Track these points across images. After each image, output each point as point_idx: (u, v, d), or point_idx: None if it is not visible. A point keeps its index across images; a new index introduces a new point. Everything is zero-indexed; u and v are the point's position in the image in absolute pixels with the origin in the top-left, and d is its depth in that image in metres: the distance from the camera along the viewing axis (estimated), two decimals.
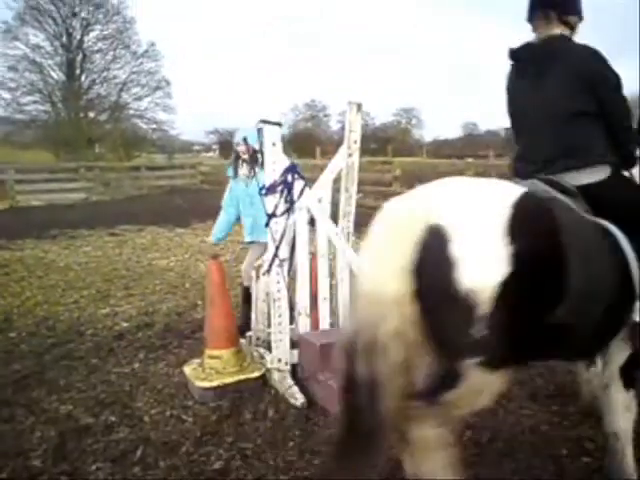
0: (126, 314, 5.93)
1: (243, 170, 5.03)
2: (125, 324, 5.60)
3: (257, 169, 4.87)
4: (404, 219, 2.03)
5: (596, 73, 2.52)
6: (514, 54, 2.76)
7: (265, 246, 4.97)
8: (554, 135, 2.58)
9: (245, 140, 4.87)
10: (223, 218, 5.26)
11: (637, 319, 2.42)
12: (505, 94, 2.87)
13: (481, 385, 2.04)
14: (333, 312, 4.30)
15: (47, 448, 3.26)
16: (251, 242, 5.15)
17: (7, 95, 35.54)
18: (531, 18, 2.75)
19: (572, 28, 2.72)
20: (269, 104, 4.61)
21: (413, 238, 1.95)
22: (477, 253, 1.91)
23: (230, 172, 5.16)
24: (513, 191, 2.10)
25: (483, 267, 1.90)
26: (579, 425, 3.38)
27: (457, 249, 1.90)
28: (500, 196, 2.06)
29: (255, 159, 4.90)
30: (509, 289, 1.90)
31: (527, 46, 2.73)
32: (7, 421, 3.60)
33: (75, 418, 3.63)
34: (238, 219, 5.23)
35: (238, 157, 5.04)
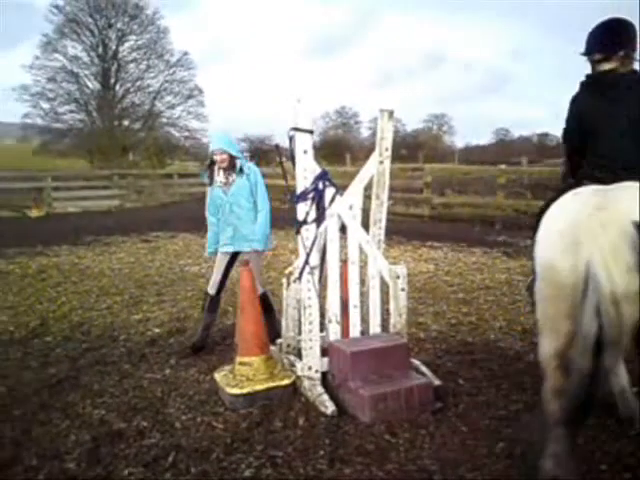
0: (158, 320, 5.99)
1: (220, 177, 4.90)
2: (157, 330, 5.67)
3: (235, 176, 4.82)
4: (608, 219, 2.40)
5: None
6: (592, 81, 3.37)
7: (253, 254, 4.88)
8: (633, 146, 3.17)
9: (222, 148, 4.78)
10: (211, 231, 5.09)
11: None
12: (573, 111, 3.42)
13: None
14: (364, 319, 4.28)
15: (82, 452, 3.30)
16: (232, 252, 4.98)
17: (46, 105, 36.52)
18: (595, 51, 3.33)
19: (632, 59, 3.31)
20: (301, 111, 4.62)
21: (628, 238, 2.30)
22: None
23: (205, 179, 5.07)
24: None
25: None
26: (619, 439, 3.29)
27: None
28: None
29: (233, 165, 4.83)
30: None
31: (602, 76, 3.32)
32: (44, 424, 3.67)
33: (108, 423, 3.67)
34: None
35: (213, 163, 4.89)
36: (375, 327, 4.28)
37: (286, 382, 4.00)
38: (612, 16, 3.35)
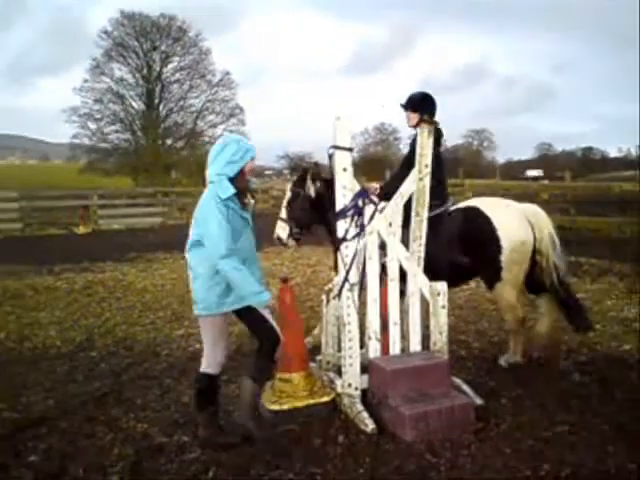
0: (199, 335, 6.04)
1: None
2: (198, 345, 5.72)
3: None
4: None
5: None
6: None
7: None
8: None
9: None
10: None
11: None
12: None
13: None
14: (404, 337, 4.25)
15: (124, 465, 3.36)
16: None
17: (93, 125, 37.85)
18: None
19: None
20: (339, 129, 4.63)
21: None
22: None
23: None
24: None
25: None
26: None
27: None
28: None
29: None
30: None
31: None
32: (89, 437, 3.75)
33: (150, 437, 3.73)
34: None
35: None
36: (415, 345, 4.24)
37: (326, 399, 3.99)
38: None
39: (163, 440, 3.68)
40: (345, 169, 3.91)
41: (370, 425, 3.70)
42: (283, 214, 5.24)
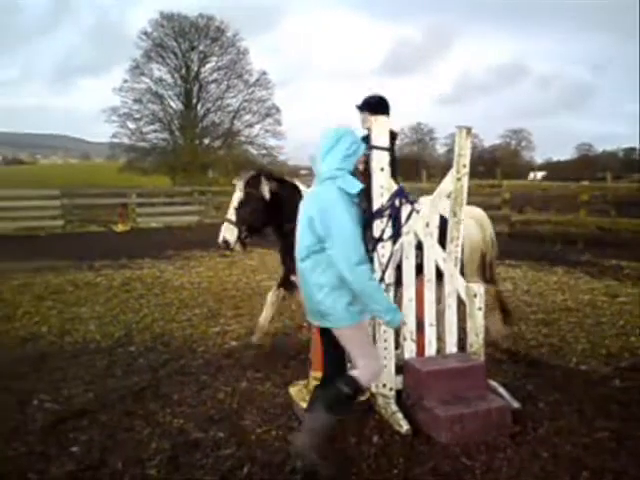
0: (235, 333, 6.13)
1: None
2: (234, 343, 5.80)
3: None
4: None
5: None
6: None
7: None
8: None
9: None
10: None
11: None
12: None
13: None
14: (439, 338, 4.22)
15: (162, 459, 3.42)
16: None
17: (132, 125, 38.55)
18: None
19: None
20: (378, 129, 4.61)
21: None
22: None
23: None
24: None
25: None
26: None
27: None
28: None
29: None
30: None
31: None
32: (127, 430, 3.82)
33: (187, 432, 3.79)
34: None
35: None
36: (451, 346, 4.21)
37: (360, 399, 3.99)
38: None
39: (199, 435, 3.73)
40: (382, 169, 3.90)
41: (405, 426, 3.68)
42: (231, 216, 4.96)
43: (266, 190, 4.85)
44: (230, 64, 39.13)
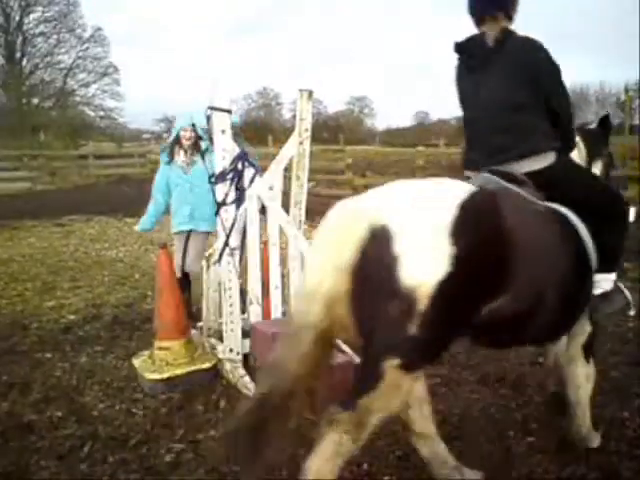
0: (73, 307, 5.77)
1: (181, 157, 4.89)
2: (72, 317, 5.46)
3: (197, 157, 4.80)
4: (349, 220, 2.07)
5: (539, 64, 2.58)
6: (460, 48, 2.76)
7: (205, 235, 4.96)
8: (500, 126, 2.62)
9: (193, 126, 4.77)
10: (153, 207, 5.06)
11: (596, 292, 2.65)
12: (455, 87, 2.88)
13: (398, 387, 2.04)
14: (285, 301, 4.28)
15: None
16: (188, 230, 4.97)
17: None
18: (475, 13, 2.72)
19: (511, 18, 2.72)
20: (219, 91, 4.50)
21: (354, 238, 1.99)
22: (419, 251, 1.95)
23: (165, 157, 4.99)
24: (460, 192, 2.14)
25: (424, 265, 1.93)
26: (524, 407, 3.48)
27: (399, 247, 1.93)
28: (448, 197, 2.09)
29: (197, 145, 4.82)
30: (447, 288, 1.93)
31: (473, 40, 2.73)
32: None
33: (17, 415, 3.50)
34: (168, 208, 5.06)
35: (177, 142, 4.89)
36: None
37: (207, 365, 3.96)
38: None
39: (33, 417, 3.47)
40: (224, 131, 3.81)
41: (252, 389, 3.71)
42: None
43: None
44: (59, 16, 35.88)
